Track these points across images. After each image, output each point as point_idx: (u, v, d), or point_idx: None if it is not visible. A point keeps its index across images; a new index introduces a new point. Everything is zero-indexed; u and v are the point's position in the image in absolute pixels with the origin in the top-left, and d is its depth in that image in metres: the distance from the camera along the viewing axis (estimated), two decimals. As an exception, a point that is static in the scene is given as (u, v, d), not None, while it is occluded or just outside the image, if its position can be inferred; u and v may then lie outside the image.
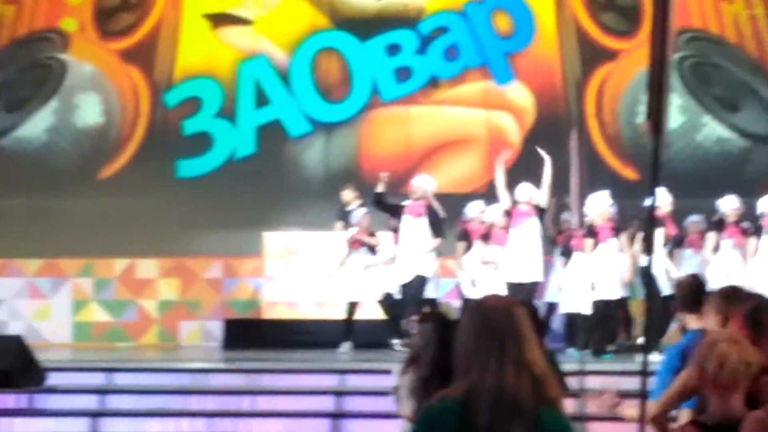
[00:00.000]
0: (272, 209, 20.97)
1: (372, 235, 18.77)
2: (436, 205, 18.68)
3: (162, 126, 21.74)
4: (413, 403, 8.90)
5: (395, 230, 18.72)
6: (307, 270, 19.52)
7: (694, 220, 18.44)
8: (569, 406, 10.79)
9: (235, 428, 15.05)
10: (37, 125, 21.89)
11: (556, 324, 19.03)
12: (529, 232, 17.91)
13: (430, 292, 18.49)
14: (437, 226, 18.13)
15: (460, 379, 4.98)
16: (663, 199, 18.01)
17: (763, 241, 17.80)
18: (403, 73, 21.70)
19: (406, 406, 9.13)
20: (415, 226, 18.01)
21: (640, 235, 18.15)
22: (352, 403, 15.22)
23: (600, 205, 17.88)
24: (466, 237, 18.55)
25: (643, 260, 17.55)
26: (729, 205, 18.16)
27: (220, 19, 21.68)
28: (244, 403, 15.58)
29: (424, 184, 18.42)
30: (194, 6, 21.71)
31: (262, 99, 21.73)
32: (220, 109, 21.71)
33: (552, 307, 18.69)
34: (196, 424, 15.11)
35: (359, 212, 19.02)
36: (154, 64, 21.76)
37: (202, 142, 21.67)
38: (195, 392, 15.76)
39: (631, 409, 7.18)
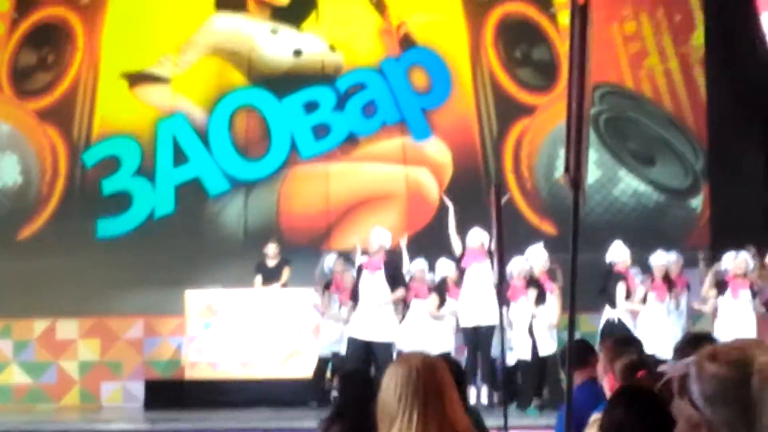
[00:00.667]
0: (193, 267, 20.85)
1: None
2: (404, 256, 18.82)
3: (81, 185, 21.64)
4: (338, 459, 8.94)
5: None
6: (229, 328, 19.44)
7: (632, 273, 18.61)
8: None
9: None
10: (-45, 186, 21.64)
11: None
12: (483, 275, 17.92)
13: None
14: (398, 277, 17.99)
15: (381, 433, 4.94)
16: (622, 254, 18.26)
17: (724, 300, 17.95)
18: (321, 130, 21.71)
19: (330, 462, 9.17)
20: (373, 280, 17.88)
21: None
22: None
23: (539, 257, 18.02)
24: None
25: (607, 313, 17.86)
26: (657, 260, 18.38)
27: (137, 78, 21.61)
28: (166, 463, 15.57)
29: (382, 238, 18.31)
30: (111, 65, 21.58)
31: (180, 157, 21.64)
32: (139, 168, 21.60)
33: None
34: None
35: (330, 258, 19.04)
36: (72, 123, 21.63)
37: (121, 202, 21.56)
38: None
39: None
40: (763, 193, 21.05)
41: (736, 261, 17.91)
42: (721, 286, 18.17)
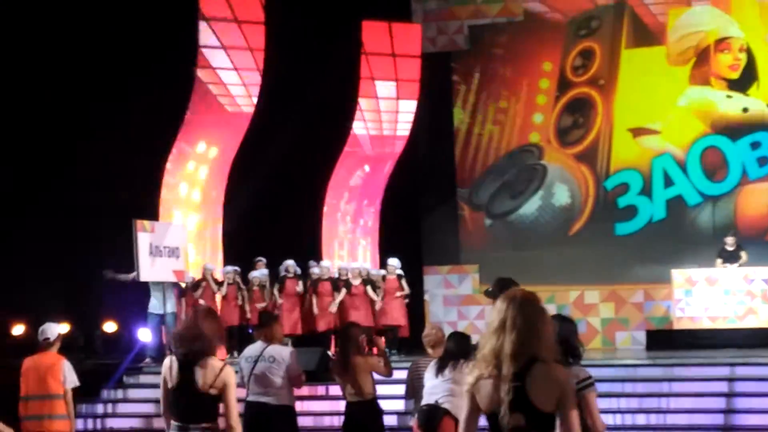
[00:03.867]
0: (677, 254, 20.69)
1: None
2: None
3: (603, 202, 21.80)
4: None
5: None
6: (703, 294, 19.14)
7: None
8: None
9: (657, 405, 14.95)
10: (530, 206, 22.26)
11: None
12: None
13: None
14: None
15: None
16: None
17: None
18: (763, 161, 21.18)
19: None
20: None
21: None
22: (741, 386, 14.92)
23: None
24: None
25: None
26: None
27: (638, 131, 21.64)
28: (663, 387, 15.44)
29: None
30: (621, 123, 21.71)
31: (668, 181, 21.50)
32: (641, 189, 21.60)
33: None
34: (631, 402, 15.06)
35: None
36: (596, 162, 21.88)
37: (630, 211, 21.66)
38: (629, 380, 15.69)
39: None
40: None
41: None
42: None
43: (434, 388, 9.26)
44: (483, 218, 22.51)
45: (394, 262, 19.55)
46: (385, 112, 22.13)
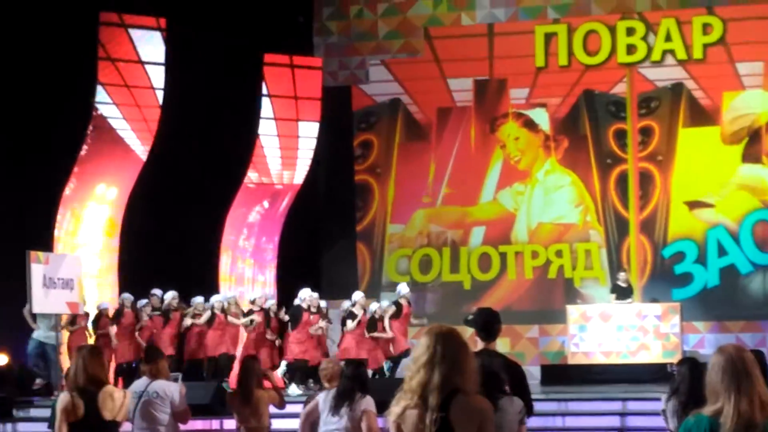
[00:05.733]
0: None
1: None
2: None
3: (661, 268, 21.92)
4: (675, 420, 8.94)
5: None
6: (598, 330, 19.38)
7: None
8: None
9: (551, 441, 15.04)
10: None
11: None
12: None
13: None
14: None
15: (710, 404, 4.97)
16: None
17: None
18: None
19: (671, 422, 9.15)
20: None
21: None
22: (633, 421, 15.09)
23: None
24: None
25: None
26: None
27: (694, 204, 21.91)
28: (557, 421, 15.55)
29: None
30: (678, 197, 21.92)
31: (722, 251, 21.77)
32: (696, 258, 21.83)
33: None
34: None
35: None
36: (655, 231, 22.05)
37: (686, 278, 21.80)
38: (525, 414, 15.72)
39: None
40: None
41: None
42: None
43: (329, 424, 9.21)
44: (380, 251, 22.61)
45: (404, 287, 19.65)
46: (284, 139, 21.96)
